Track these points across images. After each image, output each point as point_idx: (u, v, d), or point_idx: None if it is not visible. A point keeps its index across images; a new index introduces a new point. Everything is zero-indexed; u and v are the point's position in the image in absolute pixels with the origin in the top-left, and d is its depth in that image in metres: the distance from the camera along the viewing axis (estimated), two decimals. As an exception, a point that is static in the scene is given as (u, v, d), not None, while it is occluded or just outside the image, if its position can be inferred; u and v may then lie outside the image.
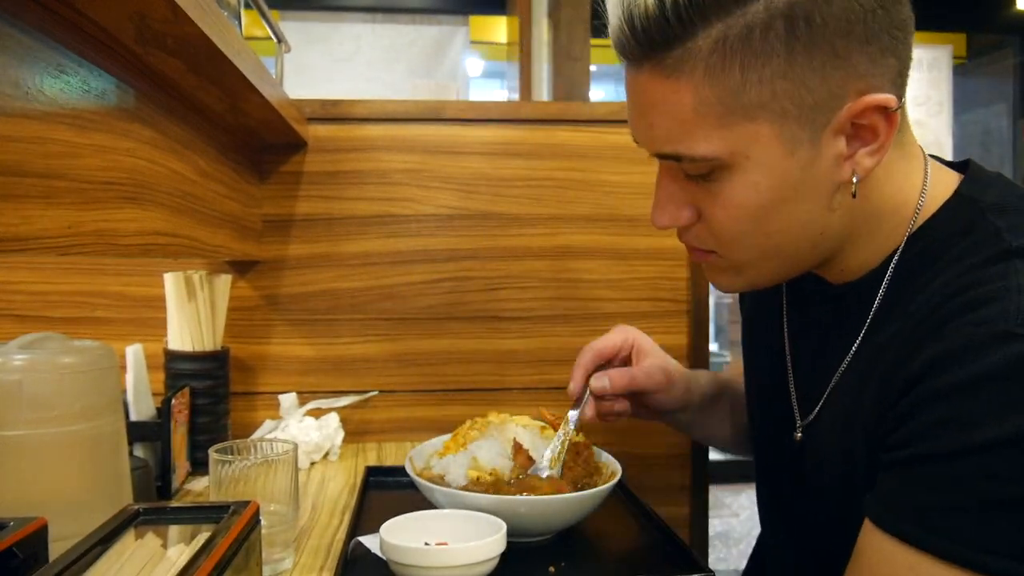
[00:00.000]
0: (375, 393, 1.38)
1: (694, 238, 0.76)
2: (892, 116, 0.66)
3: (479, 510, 0.84)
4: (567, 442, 0.97)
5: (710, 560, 1.09)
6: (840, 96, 0.65)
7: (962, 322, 0.62)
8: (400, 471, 1.01)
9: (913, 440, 0.62)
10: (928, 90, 5.11)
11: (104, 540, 0.58)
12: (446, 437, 1.05)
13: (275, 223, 1.38)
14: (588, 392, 1.00)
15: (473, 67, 5.05)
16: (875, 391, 0.69)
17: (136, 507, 0.64)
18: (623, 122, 1.42)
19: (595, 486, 0.92)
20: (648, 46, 0.65)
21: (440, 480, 0.94)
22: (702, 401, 1.08)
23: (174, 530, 0.63)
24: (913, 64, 0.70)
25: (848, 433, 0.73)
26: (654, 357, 1.03)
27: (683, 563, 0.84)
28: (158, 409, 1.11)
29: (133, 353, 1.13)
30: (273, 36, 1.40)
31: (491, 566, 0.76)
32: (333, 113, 1.38)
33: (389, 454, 1.33)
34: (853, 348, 0.76)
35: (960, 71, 5.36)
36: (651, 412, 1.06)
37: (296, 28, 4.23)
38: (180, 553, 0.58)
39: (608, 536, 0.94)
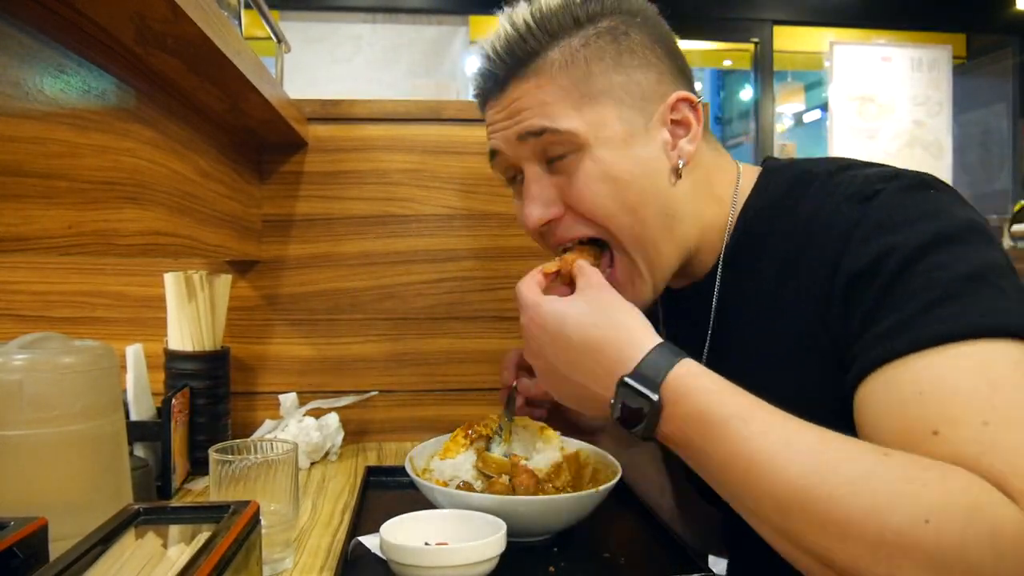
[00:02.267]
0: (375, 393, 1.38)
1: (567, 229, 0.88)
2: (697, 108, 0.86)
3: (479, 510, 0.84)
4: (508, 424, 1.02)
5: (710, 560, 1.09)
6: (660, 92, 0.85)
7: (838, 211, 0.76)
8: (400, 471, 1.01)
9: (876, 277, 0.70)
10: (928, 90, 5.11)
11: (104, 540, 0.58)
12: (446, 437, 1.05)
13: (275, 223, 1.38)
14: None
15: (473, 67, 5.05)
16: (787, 322, 0.79)
17: (136, 507, 0.64)
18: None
19: (595, 486, 0.92)
20: (511, 64, 0.85)
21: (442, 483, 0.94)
22: (622, 437, 1.07)
23: (174, 530, 0.63)
24: (913, 64, 0.79)
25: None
26: None
27: (683, 563, 0.84)
28: (158, 409, 1.11)
29: (133, 353, 1.13)
30: (273, 36, 1.40)
31: (491, 566, 0.76)
32: (333, 113, 1.38)
33: (389, 454, 1.33)
34: (708, 333, 0.90)
35: (960, 71, 5.36)
36: (571, 427, 1.07)
37: (296, 28, 4.23)
38: (180, 553, 0.59)
39: (608, 536, 0.94)
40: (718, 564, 1.05)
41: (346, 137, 1.38)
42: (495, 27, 0.87)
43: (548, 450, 0.99)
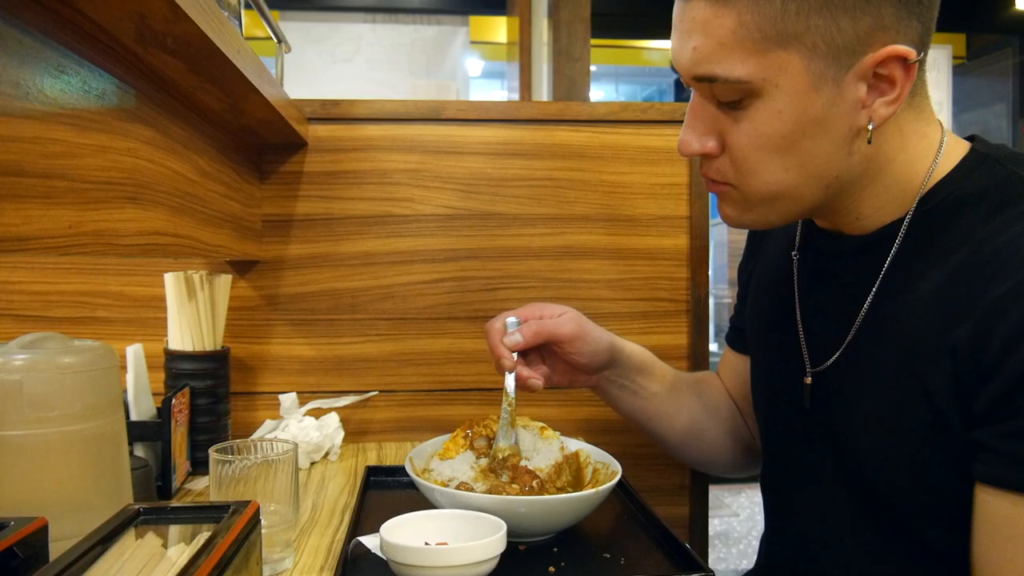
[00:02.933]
0: (375, 393, 1.38)
1: (715, 171, 0.81)
2: (910, 68, 0.72)
3: (479, 510, 0.84)
4: (512, 411, 1.01)
5: (710, 560, 1.09)
6: (866, 42, 0.71)
7: (1015, 272, 0.67)
8: (400, 471, 1.01)
9: (1013, 392, 0.65)
10: (928, 90, 5.10)
11: (104, 540, 0.58)
12: (446, 437, 1.05)
13: (275, 223, 1.38)
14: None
15: (473, 67, 5.05)
16: (926, 353, 0.73)
17: (136, 507, 0.64)
18: (623, 122, 1.44)
19: (595, 486, 0.92)
20: None
21: (443, 483, 0.94)
22: (632, 366, 1.10)
23: (174, 530, 0.63)
24: None
25: (882, 378, 0.77)
26: (569, 313, 1.07)
27: (683, 563, 0.84)
28: (158, 409, 1.11)
29: (133, 353, 1.13)
30: (273, 36, 1.40)
31: (491, 566, 0.76)
32: (333, 113, 1.38)
33: (389, 454, 1.33)
34: (869, 299, 0.81)
35: (960, 71, 5.37)
36: (575, 372, 1.08)
37: (296, 28, 4.23)
38: (180, 553, 0.59)
39: (608, 536, 0.94)
40: (718, 563, 1.05)
41: (346, 137, 1.38)
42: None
43: (548, 450, 0.99)
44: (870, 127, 0.74)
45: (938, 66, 5.12)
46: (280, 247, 1.38)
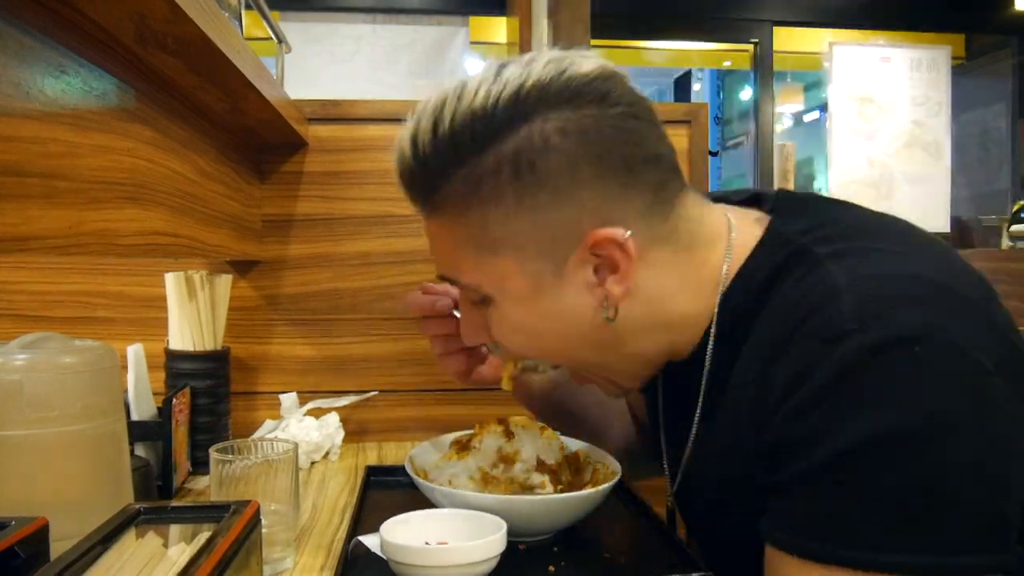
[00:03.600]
0: (375, 393, 1.38)
1: (508, 352, 0.84)
2: (627, 246, 0.70)
3: (479, 510, 0.84)
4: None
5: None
6: (575, 231, 0.71)
7: (797, 342, 0.64)
8: (400, 471, 1.01)
9: (790, 461, 0.63)
10: (927, 90, 5.10)
11: (105, 539, 0.58)
12: (449, 437, 1.05)
13: (275, 223, 1.38)
14: None
15: (473, 68, 5.05)
16: (742, 435, 0.71)
17: (137, 506, 0.64)
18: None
19: (595, 486, 0.92)
20: (412, 194, 0.76)
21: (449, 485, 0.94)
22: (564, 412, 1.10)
23: (175, 529, 0.63)
24: (912, 64, 0.72)
25: (720, 487, 0.78)
26: None
27: (683, 563, 0.84)
28: (159, 409, 1.11)
29: (134, 353, 1.13)
30: (273, 36, 1.40)
31: (491, 566, 0.76)
32: (333, 113, 1.38)
33: (389, 454, 1.33)
34: (697, 412, 0.80)
35: (959, 71, 5.36)
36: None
37: (296, 28, 4.23)
38: (181, 552, 0.59)
39: (608, 536, 0.94)
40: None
41: (346, 137, 1.39)
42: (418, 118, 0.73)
43: (548, 450, 0.99)
44: (605, 311, 0.73)
45: (938, 66, 5.12)
46: (280, 247, 1.38)
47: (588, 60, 0.71)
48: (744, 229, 0.77)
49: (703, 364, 0.78)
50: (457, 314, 0.93)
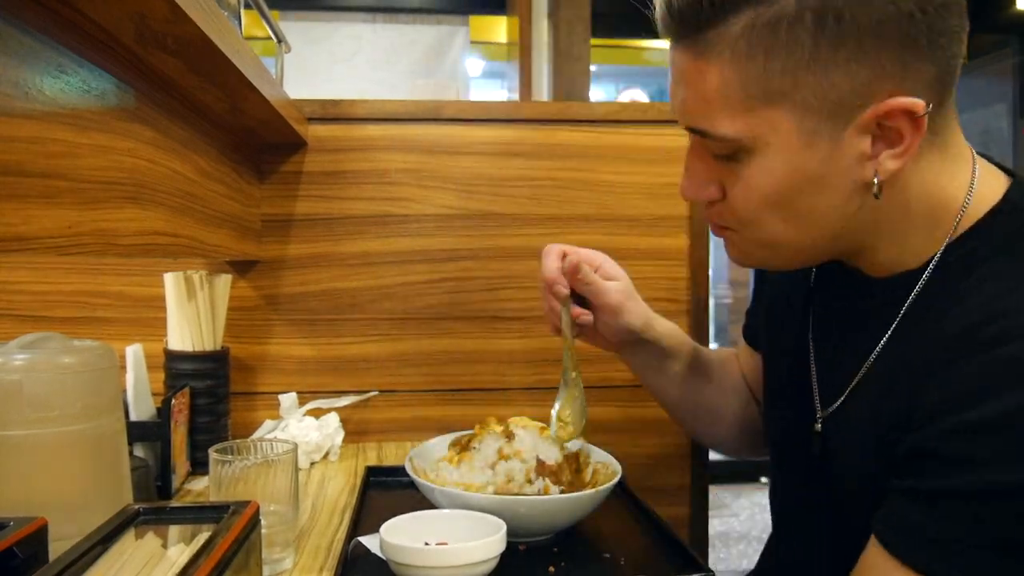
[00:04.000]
0: (375, 393, 1.38)
1: (716, 215, 0.78)
2: (919, 121, 0.66)
3: (479, 510, 0.84)
4: (573, 353, 1.03)
5: (710, 560, 1.09)
6: (866, 95, 0.65)
7: (990, 357, 0.62)
8: (400, 471, 1.01)
9: (932, 473, 0.62)
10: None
11: (104, 540, 0.58)
12: (449, 437, 1.05)
13: (275, 223, 1.38)
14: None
15: (473, 67, 5.05)
16: (897, 401, 0.70)
17: (136, 507, 0.64)
18: (623, 122, 1.44)
19: (595, 486, 0.92)
20: (683, 26, 0.68)
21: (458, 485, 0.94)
22: (659, 350, 1.07)
23: (174, 530, 0.63)
24: None
25: (871, 430, 0.74)
26: (619, 284, 1.04)
27: (683, 563, 0.84)
28: (158, 409, 1.11)
29: (133, 353, 1.13)
30: (273, 36, 1.40)
31: (491, 566, 0.76)
32: (333, 113, 1.38)
33: (389, 454, 1.33)
34: (879, 347, 0.76)
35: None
36: (597, 335, 1.06)
37: (296, 28, 4.23)
38: (180, 553, 0.59)
39: (608, 536, 0.94)
40: (718, 563, 1.05)
41: (346, 137, 1.38)
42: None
43: (548, 450, 0.99)
44: (876, 180, 0.68)
45: (938, 66, 5.11)
46: (280, 247, 1.38)
47: None
48: (987, 177, 0.74)
49: (898, 300, 0.74)
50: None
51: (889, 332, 0.75)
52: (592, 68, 3.11)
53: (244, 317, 1.37)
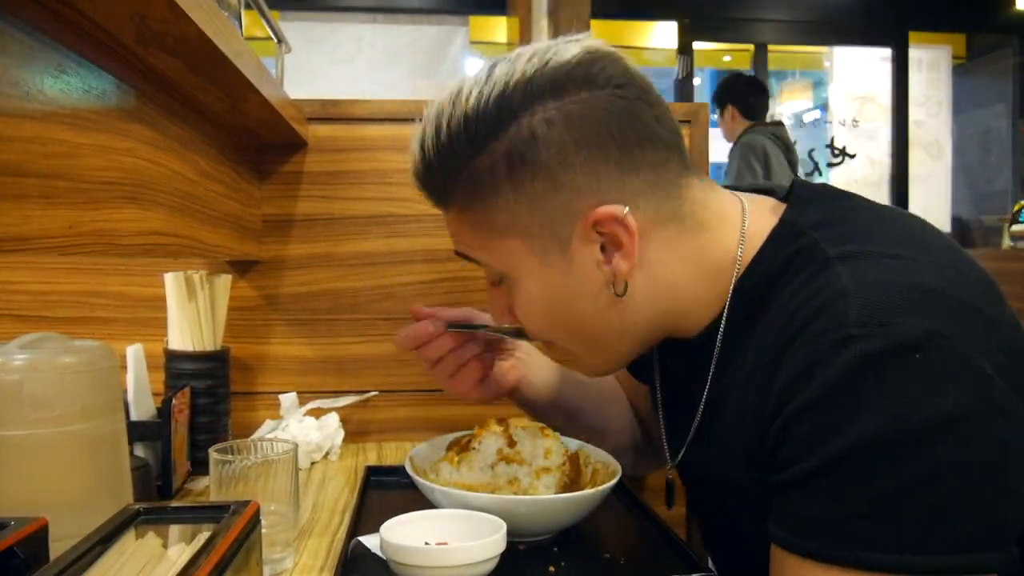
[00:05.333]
0: (375, 393, 1.38)
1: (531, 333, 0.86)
2: (626, 222, 0.72)
3: (479, 510, 0.84)
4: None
5: (709, 560, 1.09)
6: (573, 212, 0.74)
7: (803, 341, 0.65)
8: (400, 471, 1.01)
9: (790, 461, 0.64)
10: (927, 90, 5.11)
11: (104, 540, 0.58)
12: (449, 437, 1.05)
13: (275, 223, 1.38)
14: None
15: (473, 68, 5.05)
16: (746, 423, 0.72)
17: (136, 507, 0.64)
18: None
19: (595, 486, 0.92)
20: (427, 192, 0.81)
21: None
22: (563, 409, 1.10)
23: (174, 530, 0.63)
24: (913, 64, 0.73)
25: (723, 467, 0.79)
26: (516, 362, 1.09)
27: (683, 563, 0.84)
28: (158, 409, 1.11)
29: (133, 353, 1.13)
30: (273, 36, 1.40)
31: (491, 566, 0.77)
32: (333, 113, 1.38)
33: (389, 454, 1.33)
34: (704, 394, 0.81)
35: (960, 71, 5.37)
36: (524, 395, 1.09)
37: (296, 28, 4.23)
38: (180, 553, 0.59)
39: (608, 536, 0.94)
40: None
41: (346, 137, 1.38)
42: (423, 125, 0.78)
43: (548, 451, 0.99)
44: (612, 286, 0.75)
45: (937, 66, 5.13)
46: (280, 247, 1.38)
47: (573, 45, 0.74)
48: (758, 216, 0.78)
49: (710, 348, 0.79)
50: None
51: (708, 379, 0.80)
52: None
53: (244, 317, 1.37)
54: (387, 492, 1.08)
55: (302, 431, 1.24)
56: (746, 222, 0.78)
